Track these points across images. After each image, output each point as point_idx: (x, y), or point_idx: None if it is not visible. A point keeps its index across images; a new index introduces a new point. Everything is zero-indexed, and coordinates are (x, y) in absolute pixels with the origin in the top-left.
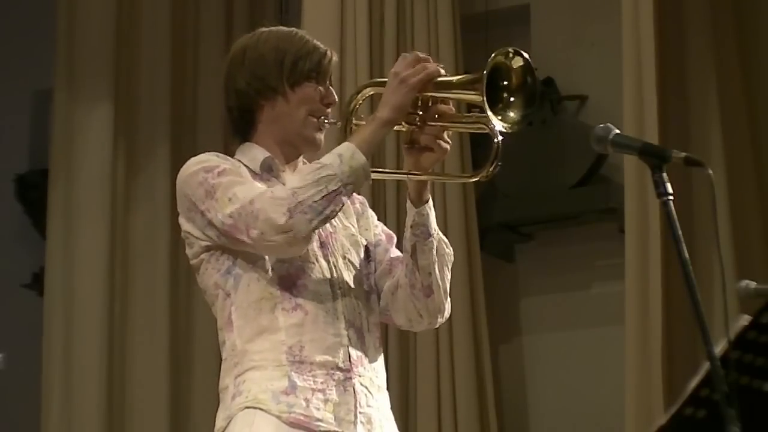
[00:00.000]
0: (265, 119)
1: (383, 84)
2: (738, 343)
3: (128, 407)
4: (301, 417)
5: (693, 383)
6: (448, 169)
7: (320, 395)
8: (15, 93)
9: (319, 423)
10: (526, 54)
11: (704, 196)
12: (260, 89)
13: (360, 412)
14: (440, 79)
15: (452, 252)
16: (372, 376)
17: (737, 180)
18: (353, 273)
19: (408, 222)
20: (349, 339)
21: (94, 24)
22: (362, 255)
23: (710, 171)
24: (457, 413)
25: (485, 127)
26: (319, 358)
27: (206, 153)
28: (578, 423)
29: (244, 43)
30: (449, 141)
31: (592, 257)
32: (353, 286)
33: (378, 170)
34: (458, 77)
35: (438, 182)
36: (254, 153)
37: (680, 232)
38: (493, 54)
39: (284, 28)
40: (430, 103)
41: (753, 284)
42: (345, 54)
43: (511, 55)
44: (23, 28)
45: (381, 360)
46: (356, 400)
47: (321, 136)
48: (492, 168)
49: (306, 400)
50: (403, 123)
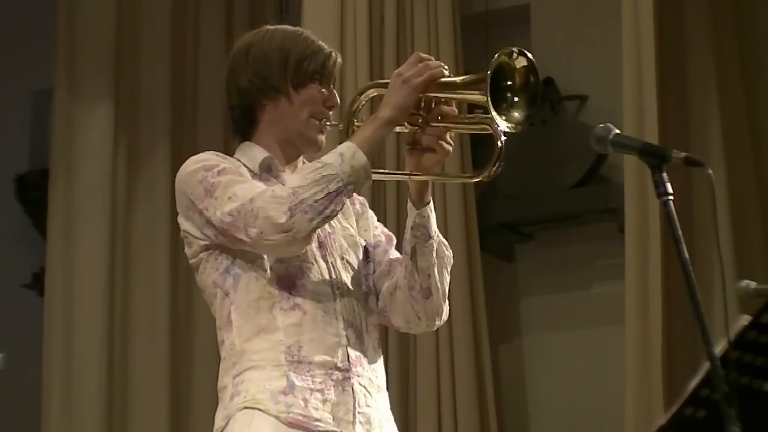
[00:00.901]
0: (267, 119)
1: (385, 85)
2: (738, 343)
3: (128, 407)
4: (300, 417)
5: (693, 383)
6: (448, 170)
7: (319, 395)
8: (15, 93)
9: (318, 423)
10: (530, 54)
11: (704, 196)
12: (263, 88)
13: (359, 412)
14: (443, 80)
15: (452, 255)
16: (371, 376)
17: (737, 180)
18: (351, 274)
19: (408, 223)
20: (348, 339)
21: (94, 24)
22: (361, 256)
23: (710, 171)
24: (457, 413)
25: (489, 128)
26: (318, 358)
27: (205, 152)
28: (578, 423)
29: (248, 41)
30: (452, 142)
31: (592, 257)
32: (351, 287)
33: (379, 171)
34: (461, 78)
35: (438, 182)
36: (254, 153)
37: (680, 232)
38: (497, 54)
39: (290, 27)
40: (433, 104)
41: (753, 284)
42: (345, 54)
43: (515, 55)
44: (23, 28)
45: (380, 361)
46: (355, 400)
47: (322, 138)
48: (494, 168)
49: (304, 400)
50: (406, 124)
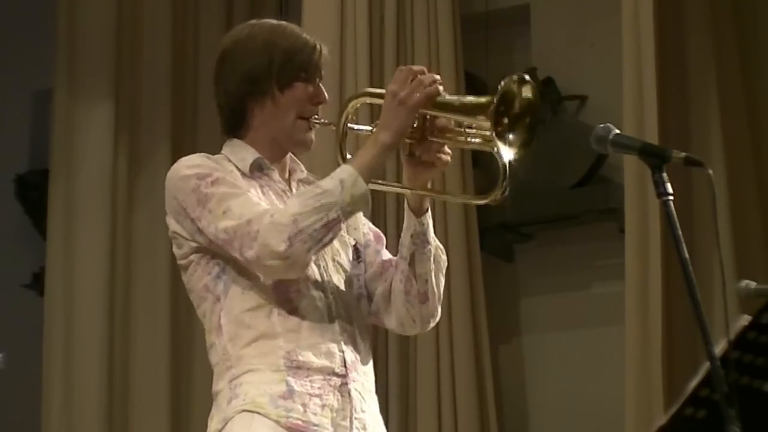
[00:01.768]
0: (255, 121)
1: (377, 95)
2: (738, 343)
3: (129, 407)
4: (299, 422)
5: (693, 383)
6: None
7: (317, 400)
8: (15, 93)
9: (316, 428)
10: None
11: (704, 196)
12: (249, 91)
13: (356, 418)
14: (441, 100)
15: (446, 258)
16: (364, 381)
17: (737, 180)
18: (343, 276)
19: (407, 230)
20: (344, 344)
21: (94, 24)
22: (351, 256)
23: (710, 171)
24: (457, 413)
25: (488, 145)
26: (317, 364)
27: (197, 155)
28: (578, 423)
29: (234, 40)
30: (450, 153)
31: (592, 257)
32: (344, 289)
33: (380, 183)
34: (461, 100)
35: (438, 182)
36: (244, 153)
37: (680, 232)
38: (503, 82)
39: (274, 22)
40: (429, 116)
41: (753, 284)
42: (345, 54)
43: (521, 82)
44: (23, 28)
45: (371, 363)
46: (352, 406)
47: (312, 136)
48: (502, 192)
49: (303, 405)
50: None
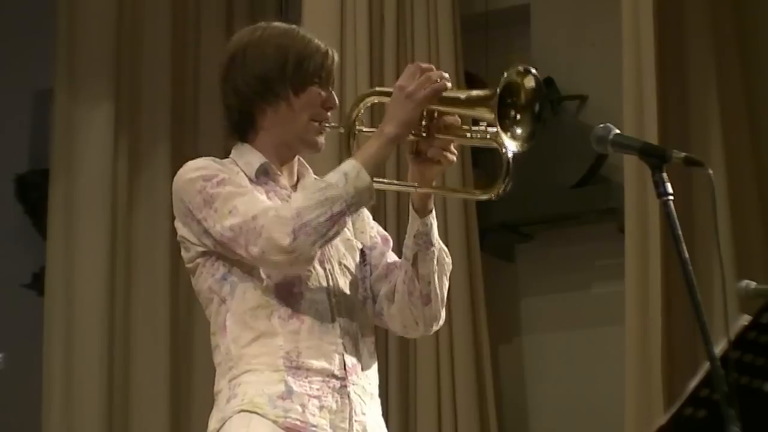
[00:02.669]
0: (266, 123)
1: (386, 94)
2: (738, 343)
3: (129, 407)
4: (297, 422)
5: (693, 383)
6: (449, 184)
7: (316, 402)
8: (15, 93)
9: (315, 429)
10: (535, 71)
11: (704, 196)
12: (262, 93)
13: (355, 420)
14: (447, 95)
15: (451, 261)
16: (365, 384)
17: (737, 180)
18: (349, 279)
19: (411, 231)
20: (344, 347)
21: (94, 24)
22: (358, 259)
23: (710, 171)
24: (457, 413)
25: (494, 142)
26: (316, 365)
27: (203, 158)
28: (578, 423)
29: (245, 41)
30: (455, 152)
31: (592, 257)
32: (349, 293)
33: (386, 182)
34: (466, 94)
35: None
36: (250, 157)
37: (680, 232)
38: (506, 73)
39: (284, 25)
40: (436, 114)
41: (753, 284)
42: (345, 54)
43: (524, 73)
44: (23, 28)
45: (374, 367)
46: (351, 408)
47: (322, 139)
48: (504, 186)
49: (302, 406)
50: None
